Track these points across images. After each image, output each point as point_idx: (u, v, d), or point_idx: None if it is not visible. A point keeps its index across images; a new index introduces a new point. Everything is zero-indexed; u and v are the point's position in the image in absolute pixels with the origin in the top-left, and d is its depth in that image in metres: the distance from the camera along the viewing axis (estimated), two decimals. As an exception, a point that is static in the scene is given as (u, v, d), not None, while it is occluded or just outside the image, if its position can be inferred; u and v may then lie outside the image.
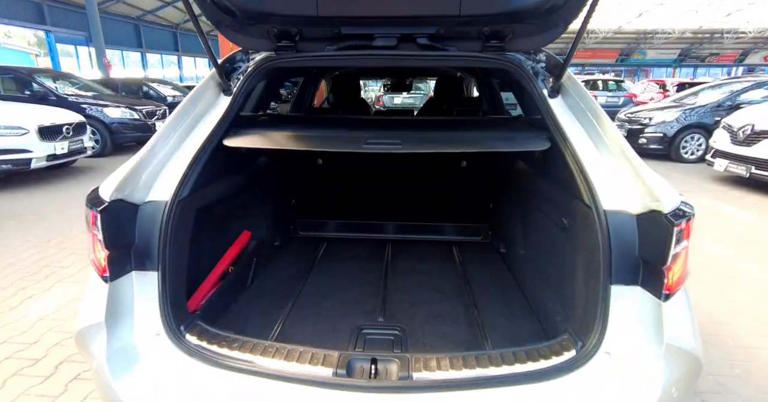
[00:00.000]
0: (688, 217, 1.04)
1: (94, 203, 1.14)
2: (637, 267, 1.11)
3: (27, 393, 1.89)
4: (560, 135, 1.38)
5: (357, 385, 1.03)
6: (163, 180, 1.29)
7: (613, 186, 1.21)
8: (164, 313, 1.15)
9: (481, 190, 2.67)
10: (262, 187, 2.17)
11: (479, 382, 1.04)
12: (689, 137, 7.90)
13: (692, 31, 39.13)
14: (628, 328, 1.08)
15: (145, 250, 1.20)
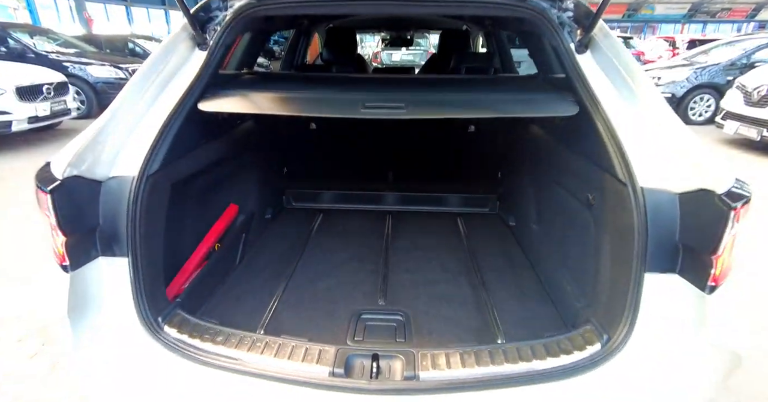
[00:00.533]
0: (746, 198, 0.89)
1: (44, 182, 0.98)
2: (675, 253, 0.98)
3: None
4: (590, 98, 1.20)
5: (356, 388, 0.93)
6: (130, 151, 1.12)
7: (653, 159, 1.05)
8: (138, 304, 1.03)
9: (491, 157, 2.48)
10: (249, 155, 1.99)
11: (494, 381, 0.94)
12: (698, 98, 7.62)
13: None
14: (663, 321, 0.96)
15: (113, 233, 1.05)
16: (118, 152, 1.10)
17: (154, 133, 1.14)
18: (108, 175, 1.08)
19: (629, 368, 0.94)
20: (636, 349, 0.96)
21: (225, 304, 1.52)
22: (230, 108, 1.36)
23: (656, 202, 0.99)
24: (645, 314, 0.97)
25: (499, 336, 1.38)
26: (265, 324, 1.43)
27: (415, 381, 0.94)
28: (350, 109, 1.31)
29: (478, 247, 2.00)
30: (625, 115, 1.13)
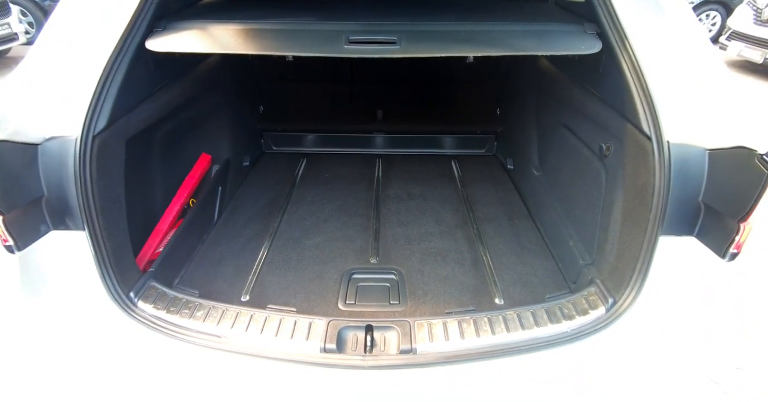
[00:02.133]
0: None
1: None
2: (696, 214, 0.88)
3: None
4: (615, 29, 1.00)
5: (350, 365, 0.86)
6: (69, 105, 0.91)
7: (685, 109, 0.89)
8: (106, 280, 0.90)
9: (490, 91, 2.26)
10: (218, 94, 1.75)
11: (494, 352, 0.87)
12: (704, 15, 7.12)
13: None
14: (675, 286, 0.89)
15: (62, 204, 0.90)
16: (52, 107, 0.90)
17: (94, 81, 0.93)
18: (44, 137, 0.90)
19: (633, 333, 0.88)
20: (642, 314, 0.89)
21: (204, 270, 1.41)
22: (185, 47, 1.12)
23: (683, 159, 0.87)
24: (654, 278, 0.89)
25: (496, 296, 1.32)
26: (249, 290, 1.33)
27: (411, 355, 0.89)
28: (331, 45, 1.09)
29: (474, 195, 1.88)
30: (658, 54, 0.94)
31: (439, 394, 0.84)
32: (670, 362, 0.89)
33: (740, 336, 0.96)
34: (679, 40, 0.94)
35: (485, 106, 2.27)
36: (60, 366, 0.90)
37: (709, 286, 0.88)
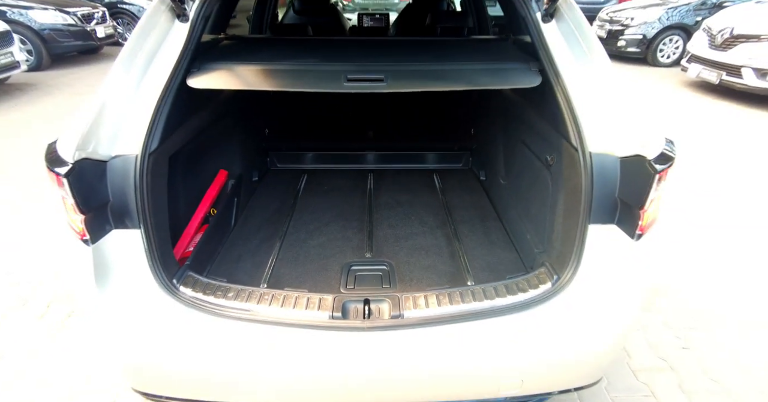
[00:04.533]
0: (670, 163, 1.05)
1: (57, 164, 1.04)
2: (614, 207, 1.15)
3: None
4: (551, 68, 1.30)
5: (352, 327, 1.10)
6: (128, 131, 1.16)
7: (602, 127, 1.18)
8: (154, 269, 1.13)
9: (465, 114, 2.59)
10: (232, 119, 2.03)
11: (464, 316, 1.12)
12: (668, 39, 7.70)
13: None
14: (601, 263, 1.16)
15: (123, 208, 1.13)
16: (117, 132, 1.15)
17: (149, 111, 1.19)
18: (111, 155, 1.14)
19: (574, 300, 1.14)
20: (579, 285, 1.15)
21: (228, 264, 1.65)
22: (218, 84, 1.40)
23: (601, 165, 1.14)
24: (588, 257, 1.15)
25: (469, 279, 1.57)
26: (267, 279, 1.57)
27: (400, 319, 1.12)
28: (334, 83, 1.37)
29: (452, 202, 2.17)
30: (582, 86, 1.24)
31: (421, 348, 1.08)
32: (601, 320, 1.14)
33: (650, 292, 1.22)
34: (598, 76, 1.23)
35: (461, 127, 2.60)
36: (121, 338, 1.11)
37: (624, 258, 1.15)
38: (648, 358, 1.85)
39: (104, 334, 1.09)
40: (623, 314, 1.12)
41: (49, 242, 2.58)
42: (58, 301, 2.13)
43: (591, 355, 1.12)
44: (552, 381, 1.17)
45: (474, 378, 1.12)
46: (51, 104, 5.32)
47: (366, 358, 1.08)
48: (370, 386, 1.11)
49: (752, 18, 5.30)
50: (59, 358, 1.81)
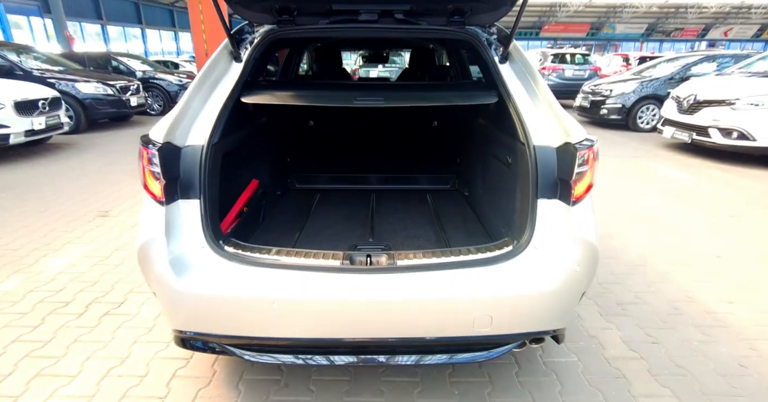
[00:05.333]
0: (589, 145, 1.44)
1: (150, 143, 1.45)
2: (556, 185, 1.52)
3: (66, 326, 2.21)
4: (506, 92, 1.76)
5: (358, 270, 1.43)
6: (197, 129, 1.59)
7: (541, 128, 1.61)
8: (206, 231, 1.48)
9: (449, 145, 3.12)
10: (265, 144, 2.54)
11: (443, 265, 1.45)
12: (645, 108, 8.48)
13: (658, 6, 39.92)
14: (548, 228, 1.49)
15: (189, 183, 1.51)
16: (189, 130, 1.58)
17: (213, 117, 1.63)
18: (185, 144, 1.55)
19: (530, 258, 1.45)
20: (534, 246, 1.48)
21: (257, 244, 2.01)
22: (263, 100, 1.89)
23: (543, 154, 1.53)
24: (538, 225, 1.50)
25: None
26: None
27: (394, 266, 1.44)
28: (347, 100, 1.86)
29: (441, 210, 2.60)
30: (527, 102, 1.70)
31: (409, 288, 1.38)
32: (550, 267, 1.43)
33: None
34: (538, 96, 1.68)
35: (448, 157, 3.10)
36: (178, 281, 1.41)
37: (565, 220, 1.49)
38: (621, 350, 2.08)
39: (167, 278, 1.40)
40: (567, 260, 1.44)
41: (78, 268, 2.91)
42: (96, 303, 2.42)
43: (545, 297, 1.41)
44: (515, 321, 1.45)
45: (452, 314, 1.41)
46: (86, 160, 5.91)
47: (367, 294, 1.39)
48: (371, 314, 1.41)
49: (712, 87, 6.00)
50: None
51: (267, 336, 1.44)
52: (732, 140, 5.54)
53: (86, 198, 4.24)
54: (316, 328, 1.43)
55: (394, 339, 1.45)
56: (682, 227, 3.60)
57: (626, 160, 6.04)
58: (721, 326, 2.26)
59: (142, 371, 1.90)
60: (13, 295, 2.49)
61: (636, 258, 3.02)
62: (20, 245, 3.15)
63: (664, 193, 4.49)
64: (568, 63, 13.45)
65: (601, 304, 2.46)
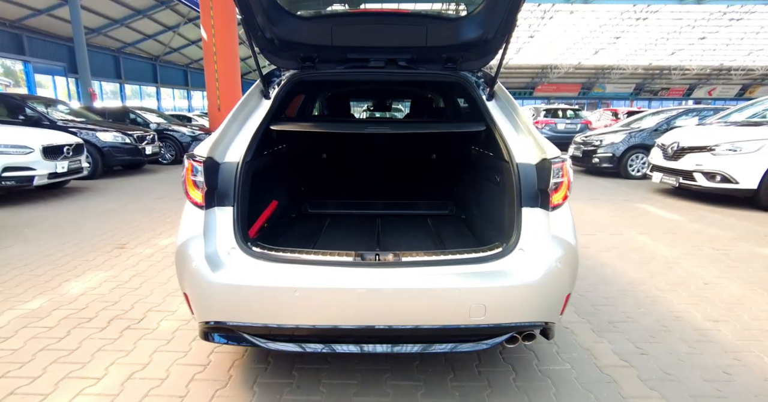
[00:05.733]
0: (562, 160, 1.71)
1: (196, 157, 1.72)
2: (536, 195, 1.77)
3: (90, 337, 2.35)
4: (493, 123, 2.07)
5: (369, 264, 1.66)
6: (233, 149, 1.87)
7: (522, 149, 1.89)
8: (237, 235, 1.71)
9: (447, 175, 3.44)
10: (284, 171, 2.86)
11: (442, 262, 1.67)
12: (635, 156, 8.91)
13: (643, 68, 42.42)
14: (531, 232, 1.72)
15: (224, 193, 1.76)
16: (227, 150, 1.86)
17: (247, 140, 1.92)
18: (223, 161, 1.83)
19: (517, 257, 1.67)
20: (520, 248, 1.70)
21: None
22: (289, 128, 2.23)
23: (524, 169, 1.80)
24: (524, 229, 1.73)
25: None
26: None
27: (399, 261, 1.67)
28: (360, 128, 2.19)
29: (439, 228, 2.85)
30: (511, 130, 2.00)
31: (413, 281, 1.58)
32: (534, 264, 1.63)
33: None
34: (519, 125, 1.98)
35: (445, 183, 3.40)
36: (213, 274, 1.61)
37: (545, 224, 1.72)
38: (612, 359, 2.20)
39: (203, 271, 1.61)
40: (549, 257, 1.65)
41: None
42: (117, 319, 2.56)
43: (531, 289, 1.61)
44: (506, 311, 1.62)
45: (451, 302, 1.59)
46: (102, 201, 6.22)
47: (376, 284, 1.60)
48: (379, 302, 1.60)
49: (693, 135, 6.43)
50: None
51: (288, 324, 1.61)
52: (716, 183, 5.85)
53: (104, 233, 4.47)
54: (332, 315, 1.61)
55: (400, 327, 1.62)
56: (671, 259, 3.78)
57: (618, 203, 6.31)
58: (707, 341, 2.40)
59: (163, 375, 2.03)
60: (39, 312, 2.65)
61: (626, 284, 3.18)
62: (44, 271, 3.33)
63: (654, 231, 4.71)
64: (560, 117, 14.21)
65: (593, 322, 2.60)
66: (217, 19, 12.35)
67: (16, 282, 3.12)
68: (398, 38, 2.13)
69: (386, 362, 2.14)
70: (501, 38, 2.06)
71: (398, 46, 2.16)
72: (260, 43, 2.11)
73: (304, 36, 2.10)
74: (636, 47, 36.35)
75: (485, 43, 2.11)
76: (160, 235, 4.42)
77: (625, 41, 34.70)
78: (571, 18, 29.44)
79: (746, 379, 2.05)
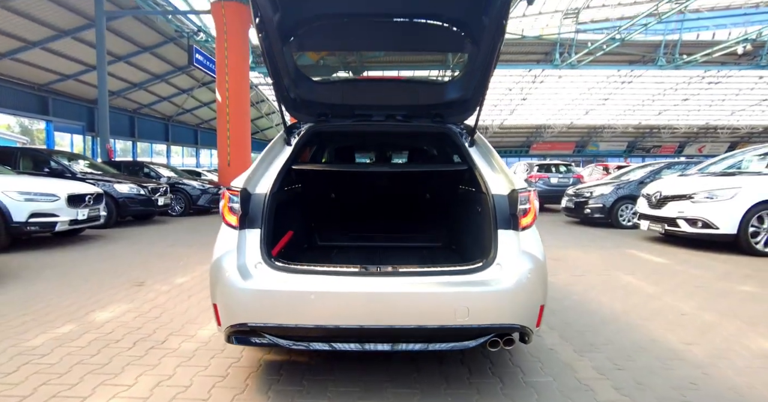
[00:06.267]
0: (527, 190, 2.10)
1: (233, 188, 2.12)
2: (509, 219, 2.14)
3: (119, 355, 2.60)
4: (474, 164, 2.51)
5: (371, 273, 1.99)
6: (262, 183, 2.28)
7: (497, 183, 2.30)
8: (263, 251, 2.05)
9: (439, 212, 3.83)
10: (299, 206, 3.26)
11: (433, 273, 2.00)
12: (624, 207, 9.34)
13: (633, 127, 44.28)
14: (506, 249, 2.07)
15: (254, 217, 2.14)
16: (258, 183, 2.27)
17: (273, 176, 2.34)
18: (254, 192, 2.23)
19: (494, 269, 2.00)
20: (497, 262, 2.03)
21: None
22: (307, 167, 2.68)
23: (498, 199, 2.19)
24: (500, 247, 2.07)
25: None
26: None
27: (396, 271, 2.00)
28: (365, 167, 2.61)
29: (432, 255, 3.20)
30: (488, 170, 2.42)
31: (408, 287, 1.89)
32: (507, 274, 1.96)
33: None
34: (495, 167, 2.40)
35: (438, 219, 3.78)
36: (243, 282, 1.93)
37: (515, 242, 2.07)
38: (591, 373, 2.44)
39: (235, 280, 1.94)
40: (520, 269, 1.99)
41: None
42: (142, 341, 2.82)
43: (506, 295, 1.92)
44: (487, 313, 1.92)
45: (440, 304, 1.90)
46: (117, 247, 6.57)
47: (377, 290, 1.92)
48: (379, 304, 1.92)
49: (673, 185, 6.89)
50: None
51: (304, 324, 1.91)
52: (698, 229, 6.20)
53: (122, 274, 4.77)
54: (340, 314, 1.91)
55: (399, 326, 1.91)
56: (653, 294, 4.04)
57: (608, 249, 6.62)
58: (679, 359, 2.63)
59: (187, 383, 2.27)
60: (70, 335, 2.91)
61: (609, 314, 3.43)
62: (70, 303, 3.61)
63: (639, 272, 4.99)
64: (553, 172, 14.86)
65: (575, 344, 2.84)
66: (232, 84, 13.49)
67: (46, 312, 3.38)
68: (396, 98, 2.65)
69: (387, 374, 2.38)
70: (477, 97, 2.56)
71: (396, 105, 2.68)
72: (285, 101, 2.62)
73: (320, 96, 2.62)
74: (624, 108, 38.31)
75: (465, 101, 2.63)
76: (174, 275, 4.71)
77: (614, 102, 36.66)
78: (561, 81, 31.43)
79: (711, 389, 2.28)
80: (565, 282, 4.48)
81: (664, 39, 24.27)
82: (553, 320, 3.27)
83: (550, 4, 21.36)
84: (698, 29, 24.56)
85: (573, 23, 22.87)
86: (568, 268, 5.16)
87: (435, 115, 2.69)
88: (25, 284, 4.22)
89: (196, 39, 19.97)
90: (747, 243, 5.93)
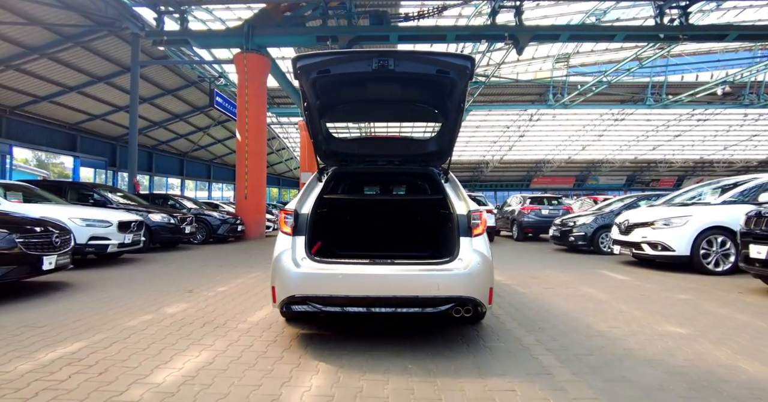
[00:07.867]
0: (479, 211, 3.19)
1: (287, 210, 3.22)
2: (468, 230, 3.22)
3: (195, 330, 3.62)
4: (446, 194, 3.62)
5: (377, 263, 3.06)
6: (305, 206, 3.39)
7: (460, 207, 3.40)
8: (306, 250, 3.13)
9: (427, 230, 4.92)
10: (324, 226, 4.30)
11: (417, 263, 3.07)
12: (604, 235, 10.33)
13: (630, 161, 45.55)
14: (464, 249, 3.13)
15: (300, 228, 3.23)
16: (303, 206, 3.38)
17: (312, 202, 3.45)
18: (301, 212, 3.34)
19: (456, 262, 3.05)
20: (459, 258, 3.09)
21: None
22: (335, 196, 3.79)
23: (460, 217, 3.28)
24: (461, 248, 3.14)
25: None
26: None
27: (394, 262, 3.08)
28: (372, 197, 3.72)
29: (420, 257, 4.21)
30: (455, 198, 3.54)
31: (400, 271, 2.94)
32: (465, 263, 3.01)
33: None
34: (460, 197, 3.51)
35: (427, 237, 4.85)
36: (296, 268, 3.01)
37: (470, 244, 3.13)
38: (531, 342, 3.41)
39: (291, 267, 3.01)
40: (472, 260, 3.04)
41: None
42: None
43: (464, 276, 2.97)
44: (451, 287, 2.95)
45: (419, 283, 2.95)
46: (155, 267, 7.63)
47: (381, 273, 2.99)
48: (383, 281, 2.97)
49: (638, 214, 7.94)
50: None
51: (336, 294, 2.96)
52: (659, 251, 7.18)
53: (170, 285, 5.80)
54: (358, 288, 2.95)
55: (396, 296, 2.95)
56: (604, 301, 5.01)
57: (582, 270, 7.59)
58: (600, 336, 3.60)
59: (254, 362, 3.26)
60: (154, 319, 3.94)
61: (561, 312, 4.41)
62: (142, 303, 4.64)
63: (601, 286, 5.95)
64: (545, 204, 15.92)
65: (527, 327, 3.82)
66: (251, 125, 14.91)
67: (127, 306, 4.42)
68: (394, 149, 3.84)
69: (385, 341, 3.37)
70: (449, 150, 3.74)
71: (394, 154, 3.85)
72: (319, 152, 3.80)
73: (342, 149, 3.81)
74: (620, 144, 39.77)
75: (441, 152, 3.82)
76: (216, 285, 5.75)
77: (609, 138, 38.16)
78: (556, 119, 33.04)
79: (613, 349, 3.25)
80: (536, 293, 5.45)
81: (651, 80, 25.94)
82: (516, 314, 4.26)
83: (542, 50, 23.24)
84: (682, 71, 26.30)
85: (564, 67, 24.66)
86: (542, 284, 6.13)
87: (421, 161, 3.87)
88: (99, 291, 5.27)
89: (216, 83, 21.83)
90: (699, 263, 6.88)
